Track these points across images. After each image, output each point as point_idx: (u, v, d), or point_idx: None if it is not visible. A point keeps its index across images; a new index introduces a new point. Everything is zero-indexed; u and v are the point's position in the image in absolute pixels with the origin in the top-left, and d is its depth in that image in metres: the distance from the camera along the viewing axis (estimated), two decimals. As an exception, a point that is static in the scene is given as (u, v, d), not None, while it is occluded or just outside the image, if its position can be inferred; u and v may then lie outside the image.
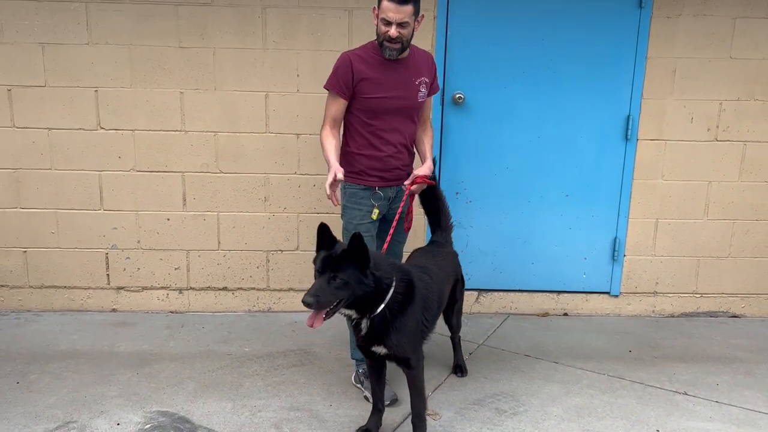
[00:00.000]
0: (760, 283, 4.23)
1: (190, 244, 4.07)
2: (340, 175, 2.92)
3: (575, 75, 3.91)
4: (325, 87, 3.16)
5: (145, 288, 4.13)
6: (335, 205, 3.01)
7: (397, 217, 3.10)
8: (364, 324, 2.57)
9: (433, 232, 3.33)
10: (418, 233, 3.97)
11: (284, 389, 3.17)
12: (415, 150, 3.29)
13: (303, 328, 3.89)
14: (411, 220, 3.25)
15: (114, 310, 4.15)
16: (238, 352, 3.57)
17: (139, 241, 4.06)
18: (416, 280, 2.67)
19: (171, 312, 4.16)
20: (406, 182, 3.16)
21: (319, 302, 2.37)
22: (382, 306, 2.51)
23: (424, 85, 3.17)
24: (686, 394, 3.19)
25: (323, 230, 2.51)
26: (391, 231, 3.06)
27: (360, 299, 2.46)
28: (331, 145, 3.07)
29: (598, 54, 3.89)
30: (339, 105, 3.11)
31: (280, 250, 4.10)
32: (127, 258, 4.08)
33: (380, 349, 2.62)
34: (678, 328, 4.06)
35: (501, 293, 4.22)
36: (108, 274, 4.10)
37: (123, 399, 3.05)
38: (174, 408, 2.98)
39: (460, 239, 4.10)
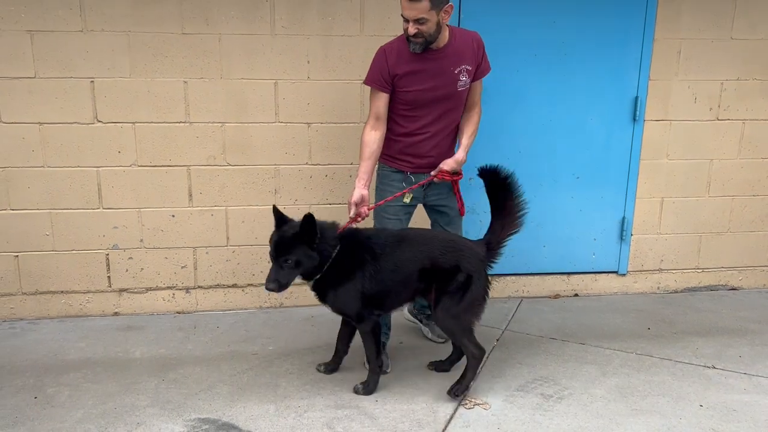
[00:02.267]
0: (756, 255, 4.40)
1: (197, 240, 3.89)
2: (363, 210, 3.06)
3: (585, 58, 3.93)
4: (365, 83, 3.16)
5: (149, 289, 3.93)
6: (358, 222, 3.10)
7: None
8: (309, 286, 2.96)
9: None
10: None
11: (324, 387, 3.08)
12: (455, 138, 3.27)
13: (322, 323, 3.80)
14: (461, 206, 3.30)
15: (116, 313, 3.92)
16: (263, 351, 3.44)
17: (142, 240, 3.84)
18: (359, 248, 2.91)
19: (178, 312, 3.97)
20: (432, 173, 3.15)
21: (280, 285, 2.79)
22: (320, 274, 2.88)
23: (465, 73, 3.11)
24: (714, 367, 3.29)
25: (275, 212, 2.92)
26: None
27: (310, 270, 2.85)
28: (368, 153, 3.08)
29: (607, 37, 3.92)
30: (381, 100, 3.08)
31: (291, 244, 3.97)
32: (130, 258, 3.86)
33: (327, 307, 3.01)
34: (684, 303, 4.18)
35: (514, 277, 4.24)
36: (109, 276, 3.87)
37: (157, 408, 2.88)
38: (214, 414, 2.84)
39: (473, 225, 4.09)
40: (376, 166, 3.22)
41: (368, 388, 3.02)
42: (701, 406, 2.92)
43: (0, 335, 3.63)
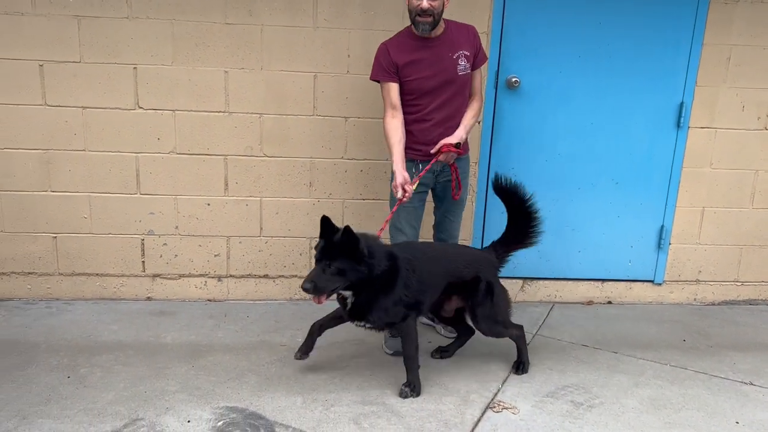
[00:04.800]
0: (800, 271, 4.27)
1: (231, 230, 3.91)
2: (408, 187, 3.14)
3: (631, 60, 3.84)
4: (372, 79, 3.33)
5: (182, 275, 3.97)
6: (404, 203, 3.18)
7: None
8: (350, 301, 2.91)
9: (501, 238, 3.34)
10: (465, 223, 3.88)
11: (351, 382, 3.07)
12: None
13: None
14: (458, 189, 3.35)
15: (149, 298, 3.98)
16: (291, 343, 3.44)
17: (177, 227, 3.88)
18: (401, 264, 2.91)
19: (209, 300, 4.01)
20: (432, 150, 3.25)
21: (316, 288, 2.72)
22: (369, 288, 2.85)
23: (463, 58, 3.23)
24: (752, 384, 3.19)
25: (325, 222, 2.80)
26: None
27: (356, 283, 2.80)
28: (396, 139, 3.21)
29: (655, 39, 3.82)
30: (393, 89, 3.25)
31: (324, 237, 3.97)
32: (164, 244, 3.90)
33: (361, 324, 2.98)
34: (721, 316, 4.07)
35: (546, 282, 4.17)
36: (143, 261, 3.92)
37: (186, 394, 2.91)
38: (242, 403, 2.85)
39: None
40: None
41: (416, 388, 2.97)
42: (737, 423, 2.83)
43: (37, 314, 3.71)
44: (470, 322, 3.21)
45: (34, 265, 3.87)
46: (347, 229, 2.70)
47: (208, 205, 3.86)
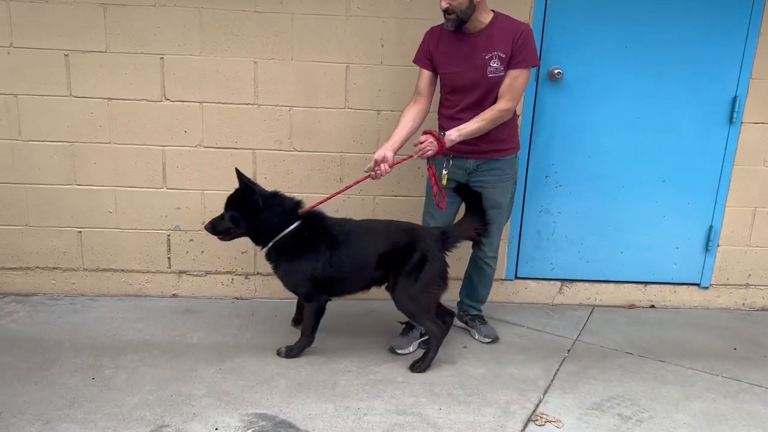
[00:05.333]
0: None
1: (259, 226, 3.78)
2: (383, 166, 3.03)
3: (681, 51, 3.61)
4: (413, 61, 3.23)
5: (208, 272, 3.86)
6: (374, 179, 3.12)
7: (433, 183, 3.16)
8: (259, 250, 3.18)
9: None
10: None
11: (384, 389, 2.93)
12: (505, 125, 3.12)
13: (381, 317, 3.65)
14: (440, 198, 3.14)
15: (174, 295, 3.87)
16: (321, 345, 3.31)
17: (203, 222, 3.75)
18: (319, 232, 3.08)
19: (236, 298, 3.89)
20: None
21: (213, 230, 3.14)
22: (270, 243, 3.08)
23: (497, 60, 3.00)
24: (813, 398, 2.99)
25: (238, 174, 3.06)
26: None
27: (253, 232, 3.09)
28: (402, 122, 3.15)
29: (706, 30, 3.59)
30: (423, 76, 3.16)
31: (354, 235, 3.82)
32: (191, 240, 3.79)
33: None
34: (773, 323, 3.86)
35: (586, 284, 3.98)
36: (169, 257, 3.82)
37: (213, 399, 2.79)
38: (271, 410, 2.73)
39: (547, 226, 3.88)
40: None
41: (291, 352, 3.18)
42: (800, 442, 2.65)
43: (61, 310, 3.62)
44: (389, 290, 3.14)
45: (58, 260, 3.78)
46: (241, 178, 3.03)
47: (236, 200, 3.73)
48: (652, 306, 4.02)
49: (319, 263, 3.04)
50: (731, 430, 2.71)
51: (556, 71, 3.58)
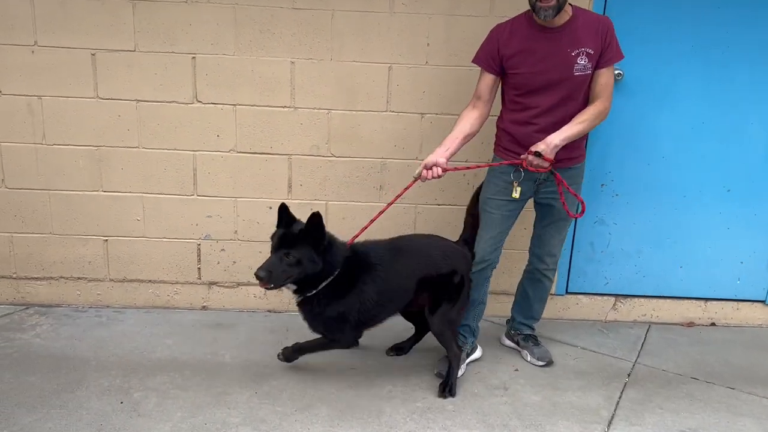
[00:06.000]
0: None
1: (294, 236, 3.57)
2: (435, 170, 2.82)
3: (751, 51, 3.34)
4: (472, 61, 2.92)
5: (240, 284, 3.65)
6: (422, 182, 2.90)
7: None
8: (294, 298, 2.79)
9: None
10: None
11: (434, 419, 2.70)
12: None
13: (427, 336, 3.42)
14: (580, 207, 2.97)
15: (204, 307, 3.68)
16: (362, 366, 3.10)
17: (236, 232, 3.56)
18: (361, 269, 2.74)
19: (269, 311, 3.69)
20: (522, 156, 2.81)
21: (271, 277, 2.57)
22: (315, 291, 2.70)
23: (584, 56, 2.72)
24: None
25: (282, 210, 2.70)
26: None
27: (306, 278, 2.64)
28: (458, 127, 2.89)
29: (780, 28, 3.31)
30: (485, 80, 2.86)
31: (394, 245, 3.60)
32: (222, 250, 3.59)
33: (310, 313, 2.80)
34: None
35: (642, 299, 3.72)
36: (199, 268, 3.62)
37: (250, 428, 2.58)
38: (313, 441, 2.52)
39: (601, 237, 3.63)
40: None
41: (286, 355, 3.01)
42: None
43: (87, 323, 3.44)
44: (427, 314, 2.89)
45: (83, 270, 3.60)
46: (316, 215, 2.57)
47: (270, 208, 3.52)
48: (713, 324, 3.74)
49: (363, 304, 2.75)
50: (822, 473, 2.45)
51: (616, 72, 3.30)
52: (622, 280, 3.67)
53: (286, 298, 3.67)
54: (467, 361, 3.11)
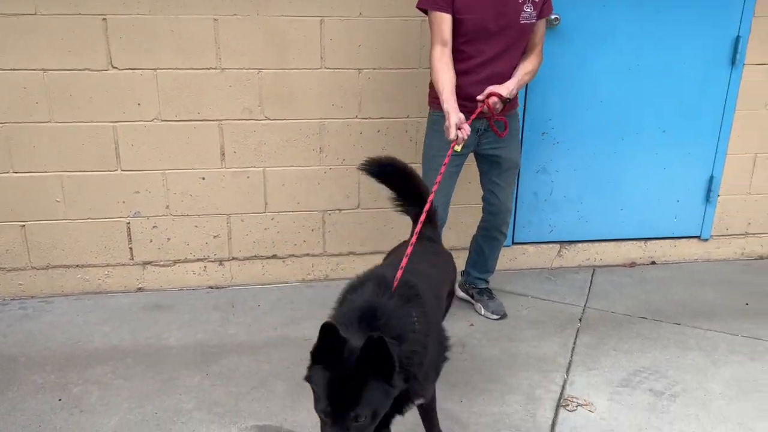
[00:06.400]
0: None
1: (231, 206, 3.38)
2: (465, 127, 2.55)
3: (682, -10, 3.35)
4: (418, 7, 2.74)
5: (177, 261, 3.44)
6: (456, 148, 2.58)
7: None
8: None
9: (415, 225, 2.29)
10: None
11: (396, 383, 2.64)
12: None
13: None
14: (504, 125, 2.80)
15: (140, 289, 3.45)
16: (315, 337, 2.98)
17: (167, 207, 3.33)
18: (431, 319, 1.86)
19: (211, 288, 3.50)
20: (479, 96, 2.69)
21: None
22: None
23: (530, 4, 2.68)
24: (837, 353, 2.87)
25: (329, 333, 1.56)
26: None
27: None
28: (447, 76, 2.65)
29: (709, -36, 3.32)
30: (444, 21, 2.66)
31: (338, 209, 3.47)
32: (154, 227, 3.36)
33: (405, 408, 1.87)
34: (774, 272, 3.75)
35: (586, 244, 3.76)
36: (131, 248, 3.38)
37: (205, 413, 2.45)
38: (273, 419, 2.41)
39: (544, 186, 3.62)
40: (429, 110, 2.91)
41: None
42: (841, 405, 2.51)
43: (11, 317, 3.16)
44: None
45: (1, 259, 3.30)
46: (375, 340, 1.52)
47: (203, 179, 3.31)
48: (653, 262, 3.85)
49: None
50: (768, 397, 2.56)
51: (553, 18, 3.24)
52: (566, 227, 3.69)
53: (228, 272, 3.51)
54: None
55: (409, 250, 1.98)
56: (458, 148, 2.68)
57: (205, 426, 2.37)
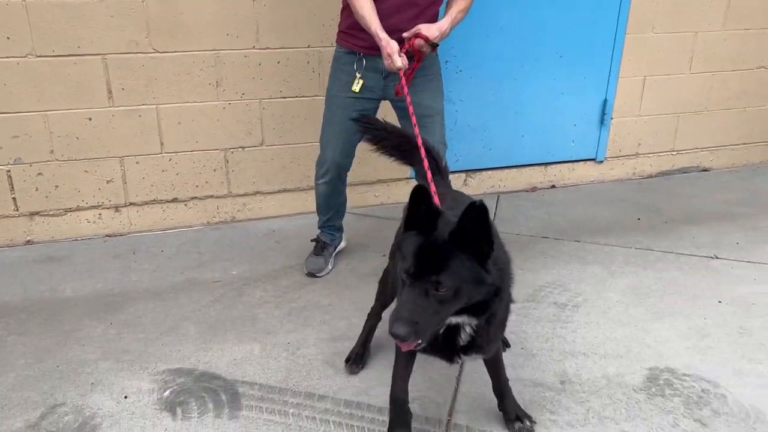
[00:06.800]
0: (729, 135, 4.24)
1: (124, 148, 3.17)
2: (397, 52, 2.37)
3: None
4: None
5: (69, 210, 3.21)
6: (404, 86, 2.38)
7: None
8: (467, 332, 1.65)
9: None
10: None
11: (312, 316, 2.62)
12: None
13: (287, 237, 3.30)
14: (405, 83, 2.44)
15: (29, 242, 3.21)
16: (226, 278, 2.91)
17: (52, 151, 3.08)
18: (504, 253, 1.73)
19: (108, 236, 3.31)
20: (405, 34, 2.46)
21: (418, 332, 1.47)
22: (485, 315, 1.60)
23: None
24: (717, 257, 3.12)
25: (420, 196, 1.49)
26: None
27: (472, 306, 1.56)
28: (368, 6, 2.42)
29: None
30: None
31: (241, 147, 3.34)
32: (39, 174, 3.10)
33: (465, 359, 1.79)
34: (663, 189, 4.00)
35: (490, 171, 3.85)
36: (14, 198, 3.12)
37: (112, 362, 2.33)
38: (186, 363, 2.33)
39: (449, 115, 3.56)
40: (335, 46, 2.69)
41: (532, 419, 2.01)
42: (720, 302, 2.73)
43: None
44: None
45: None
46: (478, 207, 1.41)
47: (90, 119, 3.07)
48: (553, 186, 4.00)
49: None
50: (660, 301, 2.74)
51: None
52: (471, 156, 3.75)
53: (125, 219, 3.32)
54: (334, 254, 3.04)
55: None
56: (356, 88, 2.58)
57: (113, 374, 2.26)
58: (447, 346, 1.68)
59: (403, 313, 1.47)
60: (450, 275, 1.46)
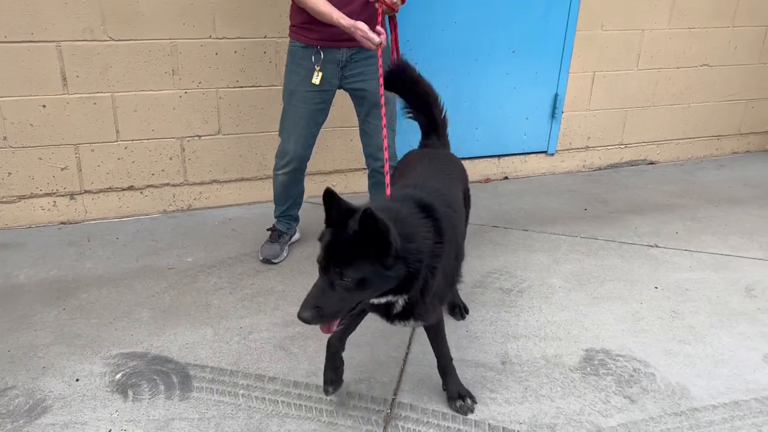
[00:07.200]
0: (674, 129, 4.42)
1: (79, 136, 3.17)
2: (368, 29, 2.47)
3: None
4: None
5: (22, 197, 3.21)
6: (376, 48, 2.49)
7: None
8: (399, 305, 1.82)
9: (424, 134, 2.49)
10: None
11: (265, 302, 2.68)
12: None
13: (243, 226, 3.35)
14: (395, 49, 2.75)
15: (-18, 229, 3.20)
16: (180, 265, 2.95)
17: (5, 138, 3.07)
18: (445, 225, 1.85)
19: (62, 223, 3.31)
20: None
21: (321, 316, 1.66)
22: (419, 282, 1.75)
23: None
24: (657, 246, 3.27)
25: (330, 198, 1.66)
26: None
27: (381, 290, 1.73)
28: (321, 1, 2.48)
29: None
30: None
31: (197, 136, 3.37)
32: (-9, 161, 3.09)
33: (405, 324, 1.92)
34: (611, 181, 4.15)
35: (445, 162, 3.94)
36: (-34, 185, 3.10)
37: (64, 346, 2.36)
38: (139, 347, 2.38)
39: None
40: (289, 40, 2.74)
41: (472, 397, 2.14)
42: (656, 288, 2.88)
43: None
44: None
45: None
46: (366, 212, 1.57)
47: (44, 107, 3.06)
48: (506, 177, 4.12)
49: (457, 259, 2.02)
50: (600, 287, 2.88)
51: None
52: (426, 147, 3.83)
53: (81, 206, 3.32)
54: (289, 243, 3.10)
55: None
56: (316, 81, 2.64)
57: (65, 358, 2.30)
58: (385, 315, 1.90)
59: (309, 299, 1.67)
60: (352, 268, 1.64)
